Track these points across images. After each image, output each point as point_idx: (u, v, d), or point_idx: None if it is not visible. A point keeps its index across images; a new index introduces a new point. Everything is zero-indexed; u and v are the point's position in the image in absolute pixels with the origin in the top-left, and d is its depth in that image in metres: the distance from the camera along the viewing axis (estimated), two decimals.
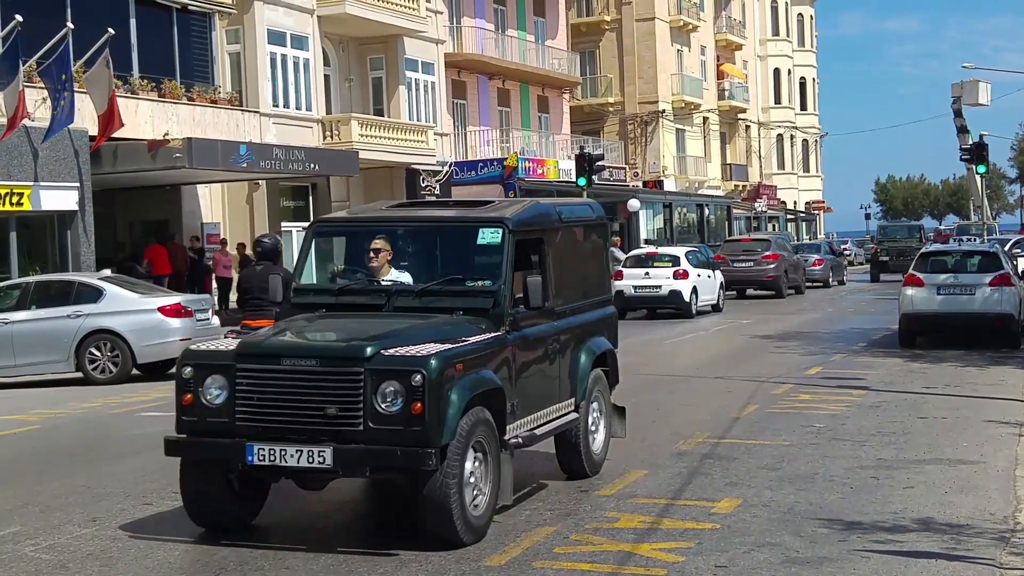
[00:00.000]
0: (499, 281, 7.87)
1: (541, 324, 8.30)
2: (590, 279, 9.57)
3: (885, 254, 44.03)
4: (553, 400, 8.52)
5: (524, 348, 7.99)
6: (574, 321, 8.90)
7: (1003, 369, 15.97)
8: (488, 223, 8.12)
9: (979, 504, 8.20)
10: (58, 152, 22.39)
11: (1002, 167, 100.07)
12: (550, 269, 8.43)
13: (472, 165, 38.40)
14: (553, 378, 8.53)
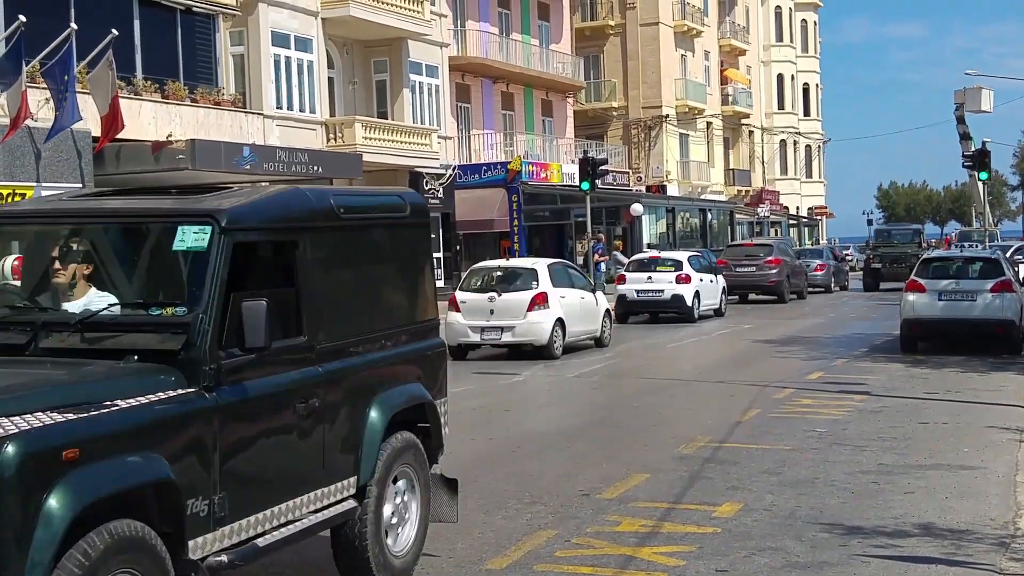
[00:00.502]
0: (197, 308, 5.23)
1: (284, 372, 5.66)
2: (395, 301, 6.85)
3: (879, 260, 39.03)
4: (310, 485, 5.85)
5: (241, 412, 5.35)
6: (355, 364, 6.23)
7: (1004, 375, 15.96)
8: (190, 217, 5.52)
9: (979, 510, 8.20)
10: (61, 153, 22.42)
11: (1004, 174, 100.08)
12: (306, 287, 5.86)
13: (476, 168, 38.43)
14: (310, 453, 5.83)
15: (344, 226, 6.32)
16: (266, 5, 29.62)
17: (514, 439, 11.35)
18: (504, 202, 37.77)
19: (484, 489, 9.00)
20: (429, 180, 36.07)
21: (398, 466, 6.54)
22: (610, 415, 12.96)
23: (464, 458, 10.48)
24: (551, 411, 13.55)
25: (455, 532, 7.71)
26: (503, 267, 20.11)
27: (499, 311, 18.51)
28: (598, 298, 21.00)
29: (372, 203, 6.99)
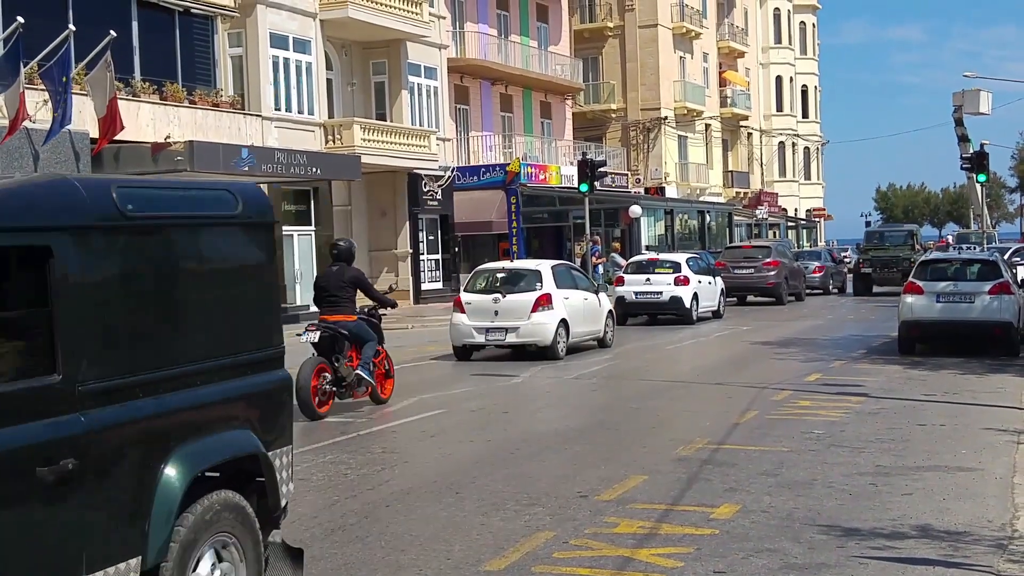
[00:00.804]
0: None
1: (15, 426, 4.25)
2: (213, 326, 5.43)
3: (869, 264, 36.55)
4: (66, 568, 4.48)
5: None
6: (142, 408, 4.89)
7: (1002, 377, 15.97)
8: None
9: (977, 511, 8.21)
10: (59, 154, 22.43)
11: (1002, 176, 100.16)
12: (64, 308, 4.52)
13: (474, 170, 38.45)
14: (63, 533, 4.46)
15: (133, 227, 4.92)
16: (264, 7, 29.63)
17: (512, 441, 11.35)
18: (503, 204, 37.79)
19: (482, 491, 9.00)
20: (428, 182, 36.08)
21: (209, 536, 5.14)
22: (608, 417, 12.96)
23: (462, 460, 10.48)
24: (549, 413, 13.56)
25: (452, 534, 7.71)
26: (508, 268, 20.22)
27: (504, 312, 18.58)
28: (601, 299, 21.10)
29: (181, 198, 5.45)
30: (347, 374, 13.14)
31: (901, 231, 40.16)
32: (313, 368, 12.78)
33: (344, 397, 13.31)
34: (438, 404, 14.09)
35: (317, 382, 12.79)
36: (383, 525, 8.07)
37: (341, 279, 13.16)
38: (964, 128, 49.09)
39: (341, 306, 13.12)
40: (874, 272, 36.04)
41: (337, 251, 13.56)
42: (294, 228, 31.20)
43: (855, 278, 37.49)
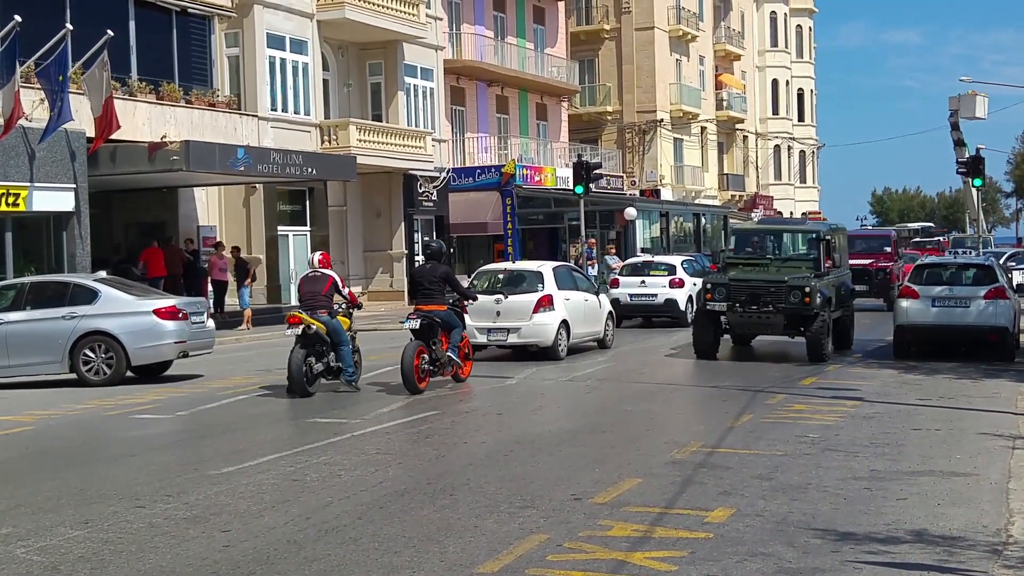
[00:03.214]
0: None
1: None
2: None
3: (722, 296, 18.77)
4: None
5: None
6: None
7: (997, 382, 15.98)
8: None
9: (972, 516, 8.20)
10: (55, 153, 22.39)
11: (998, 180, 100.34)
12: None
13: (470, 172, 38.45)
14: None
15: None
16: (261, 7, 29.61)
17: (506, 442, 11.34)
18: (498, 205, 37.79)
19: (476, 492, 8.99)
20: (423, 183, 36.08)
21: None
22: (603, 419, 12.95)
23: (456, 461, 10.47)
24: (544, 415, 13.54)
25: (446, 536, 7.70)
26: (509, 269, 20.48)
27: (505, 313, 18.67)
28: (601, 300, 21.21)
29: None
30: (440, 355, 15.32)
31: (801, 231, 21.71)
32: (415, 350, 14.84)
33: (436, 375, 15.47)
34: (433, 405, 14.07)
35: (418, 362, 14.90)
36: (377, 526, 8.05)
37: (434, 274, 15.37)
38: (960, 132, 49.15)
39: (434, 297, 15.23)
40: (732, 312, 18.58)
41: (430, 251, 16.21)
42: (289, 228, 31.18)
43: (696, 323, 19.50)
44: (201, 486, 9.43)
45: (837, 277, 19.76)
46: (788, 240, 21.02)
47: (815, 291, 18.14)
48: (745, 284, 18.50)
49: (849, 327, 20.42)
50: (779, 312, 18.21)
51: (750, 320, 18.61)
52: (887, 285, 30.08)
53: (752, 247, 20.38)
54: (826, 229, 20.34)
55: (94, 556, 7.38)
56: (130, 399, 15.36)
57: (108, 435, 12.57)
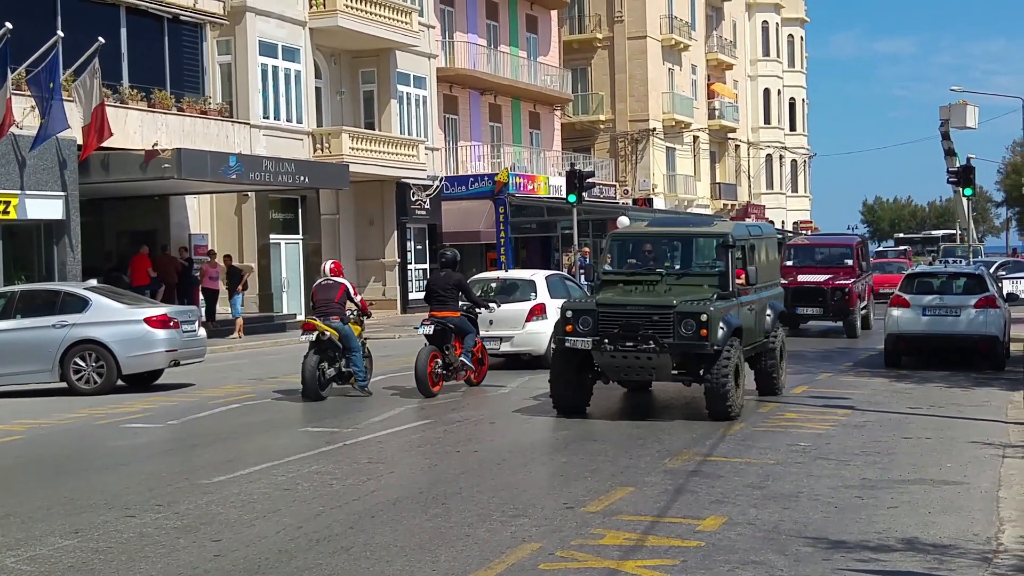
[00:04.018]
0: None
1: None
2: None
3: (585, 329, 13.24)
4: None
5: None
6: None
7: (988, 390, 16.01)
8: None
9: (963, 525, 8.21)
10: (45, 161, 22.36)
11: (989, 190, 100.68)
12: None
13: (463, 180, 38.47)
14: None
15: None
16: (254, 15, 29.62)
17: (499, 451, 11.33)
18: (491, 214, 37.80)
19: (468, 502, 8.98)
20: (416, 191, 36.09)
21: None
22: (596, 428, 12.95)
23: (449, 470, 10.45)
24: (537, 423, 13.53)
25: (438, 545, 7.69)
26: (502, 278, 20.49)
27: (498, 321, 18.65)
28: None
29: None
30: (453, 360, 15.88)
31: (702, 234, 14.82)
32: (428, 355, 15.38)
33: (449, 379, 15.97)
34: (425, 414, 14.06)
35: (432, 367, 15.41)
36: (368, 535, 8.03)
37: (448, 282, 16.01)
38: (951, 142, 49.35)
39: (448, 304, 15.86)
40: (601, 351, 13.18)
41: (445, 259, 16.62)
42: (281, 237, 31.15)
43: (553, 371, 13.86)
44: (192, 495, 9.40)
45: (758, 299, 14.43)
46: (687, 248, 14.52)
47: (715, 319, 12.66)
48: (619, 311, 12.94)
49: (776, 367, 14.98)
50: (665, 350, 12.73)
51: (625, 362, 12.95)
52: (845, 306, 24.42)
53: (640, 257, 14.43)
54: (742, 233, 14.41)
55: (84, 566, 7.35)
56: (121, 408, 15.31)
57: (99, 444, 12.53)
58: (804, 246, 27.82)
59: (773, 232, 17.05)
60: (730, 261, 13.67)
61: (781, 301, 16.09)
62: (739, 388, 13.16)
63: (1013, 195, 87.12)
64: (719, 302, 13.09)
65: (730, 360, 12.85)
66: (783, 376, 15.47)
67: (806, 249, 27.30)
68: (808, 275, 24.81)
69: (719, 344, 12.76)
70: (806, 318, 25.30)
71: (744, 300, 13.89)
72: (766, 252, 15.53)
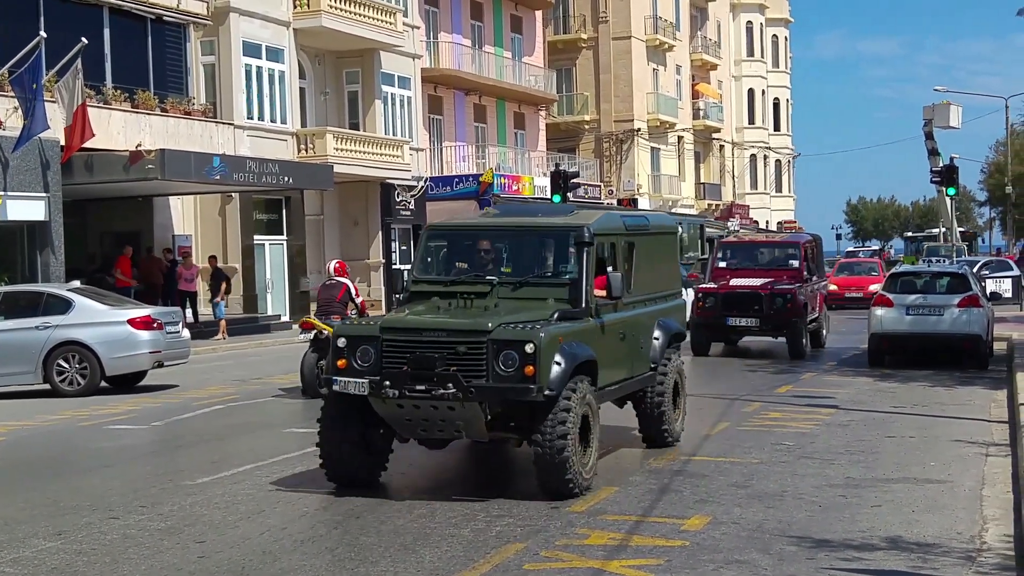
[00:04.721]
0: None
1: None
2: None
3: None
4: None
5: None
6: None
7: (971, 389, 16.08)
8: None
9: (946, 523, 8.25)
10: (28, 162, 22.25)
11: (972, 190, 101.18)
12: None
13: (447, 180, 38.43)
14: None
15: None
16: (237, 15, 29.52)
17: (485, 451, 11.32)
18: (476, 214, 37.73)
19: (453, 501, 8.97)
20: (400, 192, 36.04)
21: None
22: None
23: (433, 470, 10.45)
24: None
25: (423, 545, 7.68)
26: None
27: None
28: None
29: None
30: None
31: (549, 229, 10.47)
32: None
33: None
34: None
35: None
36: (353, 536, 8.02)
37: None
38: (934, 142, 49.46)
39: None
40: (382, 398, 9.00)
41: None
42: (265, 237, 31.06)
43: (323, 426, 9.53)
44: (176, 497, 9.37)
45: (634, 318, 10.70)
46: (529, 247, 10.43)
47: (548, 350, 8.83)
48: (410, 339, 8.99)
49: (665, 409, 11.19)
50: (472, 396, 8.79)
51: (418, 413, 9.02)
52: (787, 317, 20.17)
53: (473, 260, 10.40)
54: (611, 225, 10.66)
55: (67, 568, 7.32)
56: (104, 409, 15.25)
57: (82, 446, 12.47)
58: (741, 244, 24.02)
59: (669, 224, 12.88)
60: (586, 265, 9.70)
61: (680, 317, 12.01)
62: (589, 452, 9.22)
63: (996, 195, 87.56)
64: (560, 324, 9.23)
65: (570, 411, 8.86)
66: (680, 420, 11.60)
67: (743, 248, 23.19)
68: (744, 279, 20.94)
69: (553, 387, 8.77)
70: (740, 332, 21.10)
71: (609, 319, 9.99)
72: (655, 252, 11.55)
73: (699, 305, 20.69)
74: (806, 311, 20.63)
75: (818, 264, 23.41)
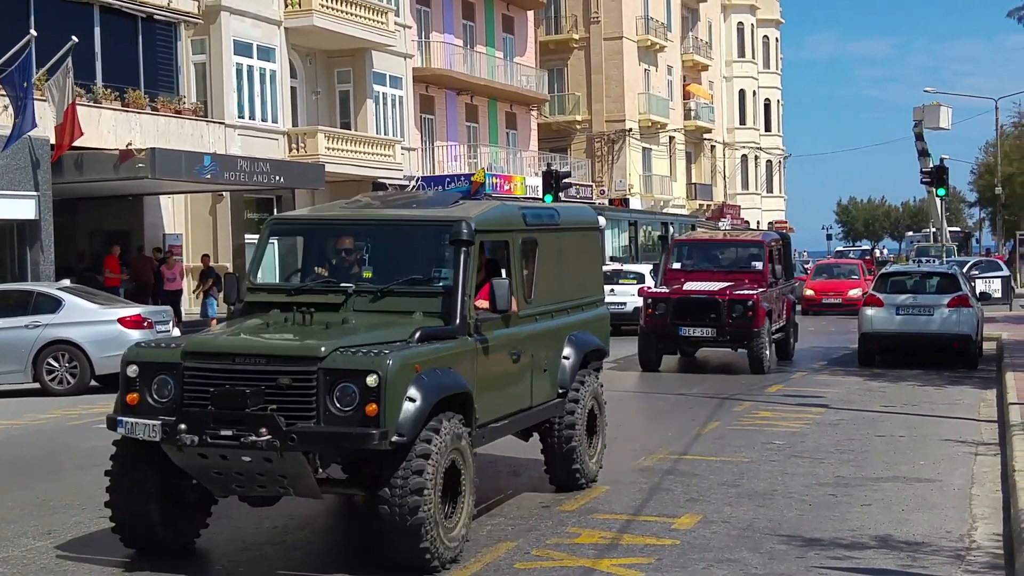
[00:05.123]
0: None
1: None
2: None
3: None
4: None
5: None
6: None
7: (960, 389, 16.14)
8: None
9: (936, 522, 8.27)
10: (18, 161, 22.18)
11: (962, 190, 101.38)
12: None
13: (439, 180, 38.40)
14: None
15: None
16: (228, 14, 29.47)
17: None
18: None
19: None
20: (392, 191, 36.02)
21: None
22: None
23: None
24: None
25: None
26: None
27: None
28: None
29: None
30: None
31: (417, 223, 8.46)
32: None
33: None
34: None
35: None
36: (337, 537, 8.01)
37: None
38: (924, 143, 49.56)
39: None
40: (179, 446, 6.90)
41: None
42: (255, 236, 31.00)
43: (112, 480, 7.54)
44: None
45: (532, 334, 8.69)
46: (395, 246, 8.41)
47: (397, 382, 6.89)
48: (219, 367, 7.00)
49: (575, 445, 9.19)
50: (292, 444, 6.79)
51: (225, 464, 7.03)
52: (748, 326, 17.80)
53: (337, 263, 8.43)
54: (502, 219, 8.60)
55: (57, 567, 7.30)
56: (95, 408, 15.19)
57: (72, 445, 12.44)
58: (698, 243, 21.16)
59: (586, 218, 10.38)
60: (463, 269, 7.66)
61: (601, 330, 9.99)
62: (458, 512, 7.29)
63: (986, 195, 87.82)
64: (418, 347, 7.18)
65: (428, 459, 6.87)
66: (597, 456, 9.65)
67: (700, 247, 20.56)
68: (700, 282, 18.62)
69: (404, 431, 6.80)
70: (695, 343, 18.85)
71: (497, 337, 8.03)
72: (568, 252, 9.54)
73: (648, 312, 18.39)
74: (770, 319, 18.33)
75: (786, 266, 21.22)
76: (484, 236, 8.09)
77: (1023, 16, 25.76)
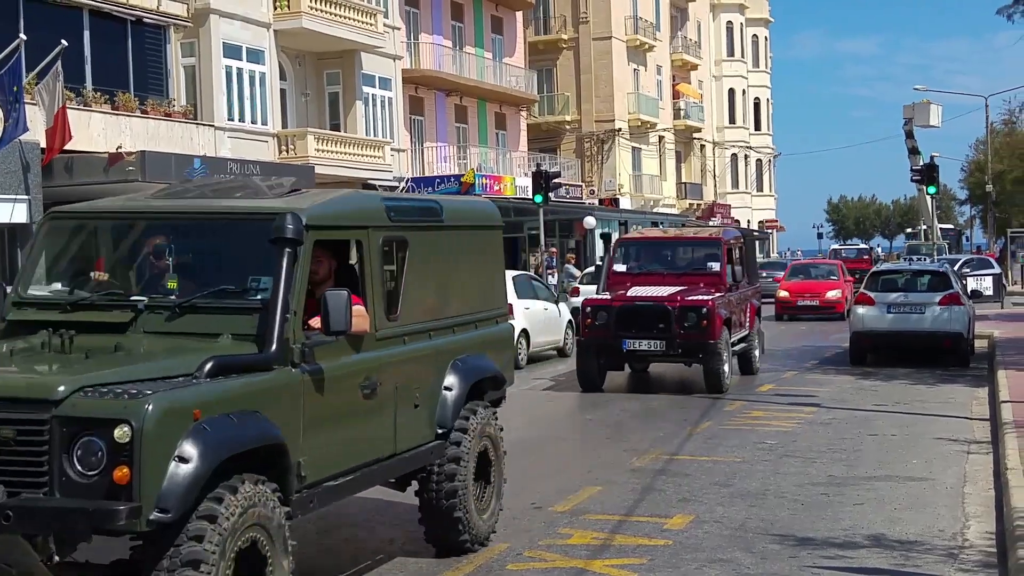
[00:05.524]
0: None
1: None
2: None
3: None
4: None
5: None
6: None
7: (952, 387, 16.16)
8: None
9: (928, 521, 8.28)
10: (8, 165, 22.12)
11: (952, 188, 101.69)
12: None
13: (429, 181, 38.38)
14: None
15: None
16: (218, 16, 29.42)
17: None
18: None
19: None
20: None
21: None
22: (563, 427, 12.97)
23: None
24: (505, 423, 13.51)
25: (407, 545, 7.66)
26: None
27: None
28: (560, 309, 21.33)
29: None
30: None
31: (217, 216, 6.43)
32: None
33: None
34: None
35: None
36: (334, 539, 8.00)
37: None
38: (915, 141, 49.68)
39: None
40: None
41: None
42: None
43: None
44: None
45: (392, 360, 6.74)
46: (204, 247, 6.49)
47: (158, 437, 4.92)
48: None
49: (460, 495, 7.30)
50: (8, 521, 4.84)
51: None
52: (703, 338, 15.30)
53: (120, 266, 6.69)
54: (331, 213, 6.41)
55: None
56: None
57: None
58: (645, 241, 18.45)
59: (483, 213, 8.42)
60: (286, 278, 5.84)
61: (500, 352, 8.25)
62: None
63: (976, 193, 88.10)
64: (203, 384, 5.33)
65: (201, 546, 5.06)
66: (491, 511, 7.76)
67: (648, 247, 17.93)
68: (647, 287, 16.11)
69: (169, 506, 4.99)
70: (641, 357, 16.34)
71: (338, 366, 6.17)
72: (456, 256, 7.69)
73: (587, 323, 15.94)
74: (729, 329, 15.91)
75: (749, 267, 18.48)
76: (323, 234, 6.20)
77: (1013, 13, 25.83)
